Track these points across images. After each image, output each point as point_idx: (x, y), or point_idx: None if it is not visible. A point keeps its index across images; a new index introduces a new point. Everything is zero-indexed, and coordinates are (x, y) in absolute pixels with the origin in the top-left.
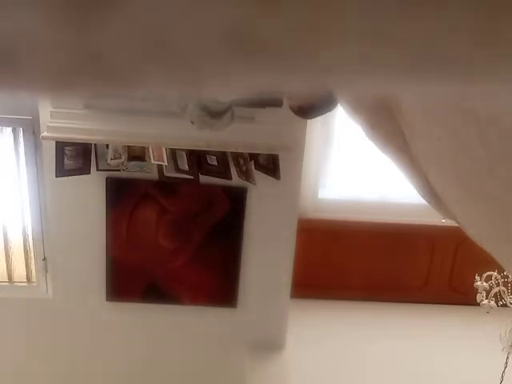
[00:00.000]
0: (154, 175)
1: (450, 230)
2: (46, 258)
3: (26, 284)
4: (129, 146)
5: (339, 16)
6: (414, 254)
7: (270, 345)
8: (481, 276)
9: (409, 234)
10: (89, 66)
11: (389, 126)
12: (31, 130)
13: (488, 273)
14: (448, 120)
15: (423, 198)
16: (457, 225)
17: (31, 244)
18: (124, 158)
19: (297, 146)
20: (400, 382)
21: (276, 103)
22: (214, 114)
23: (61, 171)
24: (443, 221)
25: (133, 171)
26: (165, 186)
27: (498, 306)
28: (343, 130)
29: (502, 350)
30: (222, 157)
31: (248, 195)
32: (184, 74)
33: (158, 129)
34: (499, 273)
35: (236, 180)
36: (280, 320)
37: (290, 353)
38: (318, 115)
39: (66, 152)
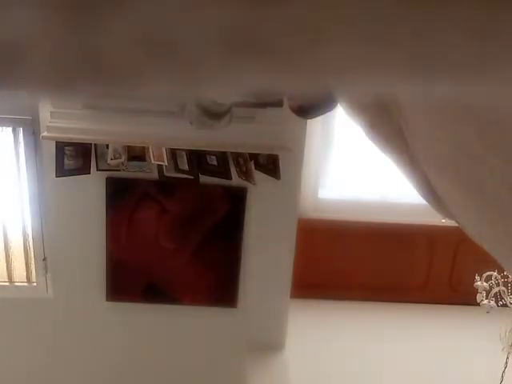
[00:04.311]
0: (154, 175)
1: (450, 229)
2: (46, 258)
3: (26, 284)
4: (129, 146)
5: (339, 16)
6: (414, 254)
7: (270, 345)
8: (481, 276)
9: (409, 234)
10: (89, 66)
11: (389, 126)
12: (31, 130)
13: (488, 273)
14: (447, 120)
15: (423, 198)
16: (457, 225)
17: (31, 244)
18: (124, 157)
19: (297, 146)
20: (400, 381)
21: (276, 103)
22: (213, 115)
23: (61, 171)
24: (443, 221)
25: (133, 171)
26: (165, 185)
27: (497, 306)
28: (343, 129)
29: (502, 349)
30: (222, 157)
31: (248, 195)
32: (184, 74)
33: (158, 129)
34: (499, 273)
35: (236, 180)
36: (280, 320)
37: (290, 353)
38: (318, 115)
39: (66, 152)
